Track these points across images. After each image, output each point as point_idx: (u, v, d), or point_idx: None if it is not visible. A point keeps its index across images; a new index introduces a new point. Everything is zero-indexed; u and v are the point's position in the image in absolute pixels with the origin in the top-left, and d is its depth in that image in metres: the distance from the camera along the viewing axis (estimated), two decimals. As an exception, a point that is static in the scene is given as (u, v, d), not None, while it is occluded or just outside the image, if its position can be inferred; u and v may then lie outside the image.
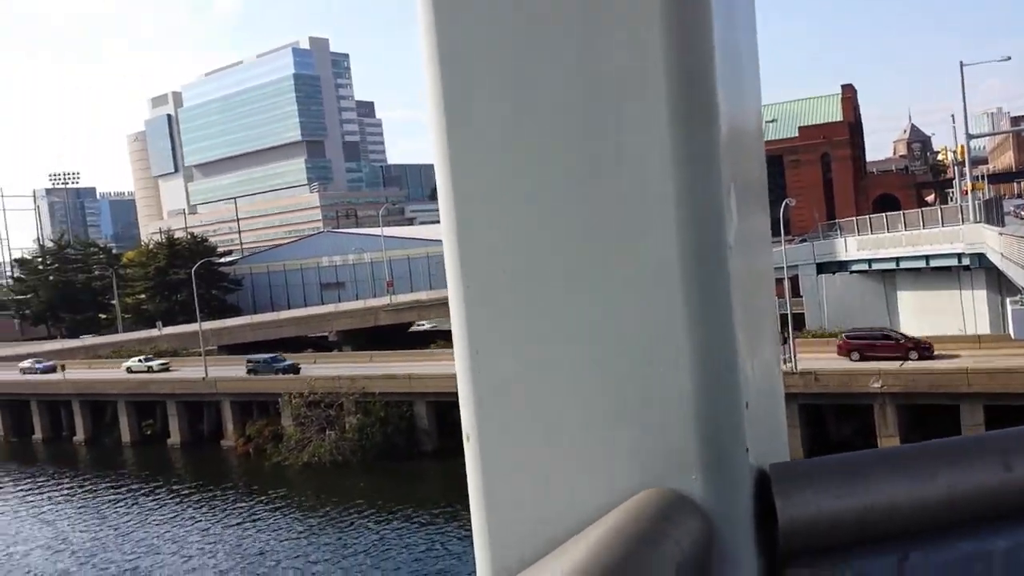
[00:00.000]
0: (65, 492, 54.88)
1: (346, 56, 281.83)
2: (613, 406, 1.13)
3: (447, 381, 53.84)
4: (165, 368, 71.51)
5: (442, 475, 49.08)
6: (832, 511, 1.17)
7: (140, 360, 73.05)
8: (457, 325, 1.17)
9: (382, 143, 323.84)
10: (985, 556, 1.20)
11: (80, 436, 69.80)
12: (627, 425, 1.13)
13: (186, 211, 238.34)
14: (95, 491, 54.20)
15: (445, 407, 54.19)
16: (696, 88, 1.10)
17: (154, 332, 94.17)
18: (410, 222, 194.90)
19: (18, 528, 47.22)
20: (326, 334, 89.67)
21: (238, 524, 43.90)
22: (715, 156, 1.11)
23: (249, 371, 64.05)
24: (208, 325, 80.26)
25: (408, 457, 51.90)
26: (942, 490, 1.20)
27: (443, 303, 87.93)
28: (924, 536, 1.21)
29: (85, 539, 43.85)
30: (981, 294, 49.96)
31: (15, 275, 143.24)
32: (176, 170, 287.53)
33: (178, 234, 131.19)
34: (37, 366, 77.85)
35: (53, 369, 76.16)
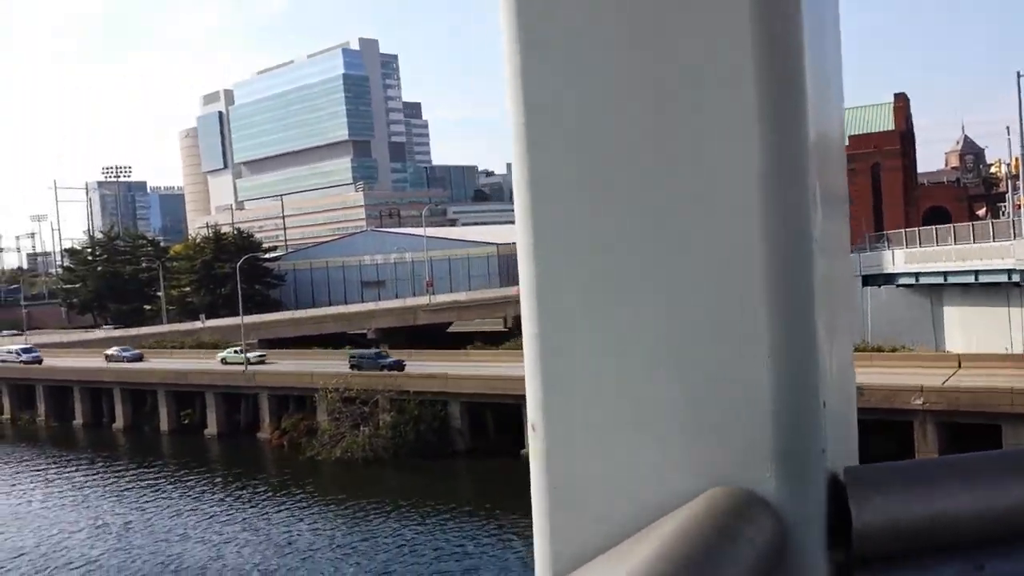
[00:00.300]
0: (103, 478, 55.82)
1: (395, 57, 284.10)
2: (687, 401, 1.11)
3: (482, 382, 53.86)
4: (261, 361, 70.03)
5: (474, 475, 49.03)
6: (907, 517, 1.15)
7: (235, 351, 71.19)
8: (528, 314, 1.15)
9: (427, 144, 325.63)
10: None
11: (120, 423, 71.07)
12: (700, 421, 1.11)
13: (233, 207, 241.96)
14: (134, 478, 55.03)
15: (479, 408, 54.19)
16: (786, 87, 1.08)
17: (197, 324, 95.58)
18: (452, 223, 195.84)
19: (58, 513, 48.09)
20: (365, 331, 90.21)
21: (270, 515, 44.21)
22: (804, 154, 1.09)
23: (352, 366, 61.47)
24: (250, 319, 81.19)
25: (441, 456, 51.87)
26: (1017, 499, 1.17)
27: (482, 304, 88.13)
28: (999, 546, 1.18)
29: (121, 524, 44.48)
30: (1031, 311, 48.57)
31: (65, 264, 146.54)
32: (225, 166, 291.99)
33: (224, 229, 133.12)
34: (124, 354, 77.76)
35: (140, 358, 76.83)
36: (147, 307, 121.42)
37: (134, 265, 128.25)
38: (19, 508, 49.07)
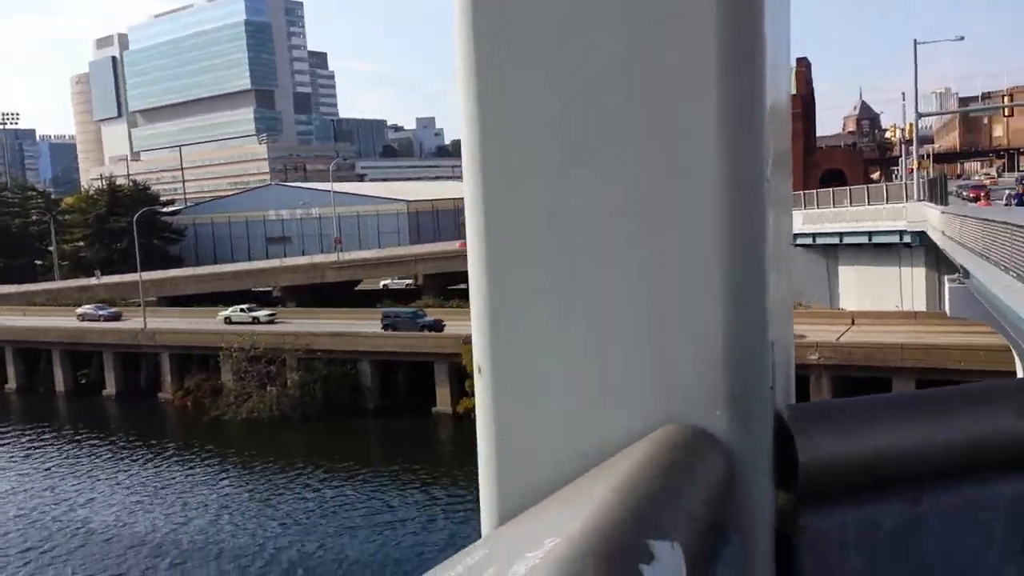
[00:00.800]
0: (-6, 441, 53.57)
1: (300, 4, 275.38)
2: (637, 340, 1.10)
3: (392, 340, 53.63)
4: (271, 320, 63.71)
5: (385, 433, 49.05)
6: (849, 453, 1.18)
7: (243, 310, 65.07)
8: (474, 255, 1.12)
9: (334, 96, 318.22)
10: (992, 503, 1.22)
11: (12, 384, 68.10)
12: (651, 359, 1.10)
13: (129, 157, 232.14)
14: (29, 441, 52.96)
15: (389, 367, 54.01)
16: (747, 47, 1.08)
17: (92, 280, 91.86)
18: (360, 179, 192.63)
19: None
20: (270, 289, 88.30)
21: (176, 477, 43.30)
22: (761, 108, 1.10)
23: (385, 326, 56.80)
24: (148, 275, 78.44)
25: (350, 415, 51.61)
26: (956, 435, 1.21)
27: (391, 262, 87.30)
28: (936, 481, 1.22)
29: (18, 489, 42.85)
30: (920, 271, 51.00)
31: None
32: (119, 115, 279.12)
33: (120, 181, 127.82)
34: (101, 312, 70.88)
35: (118, 317, 69.83)
36: (39, 262, 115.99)
37: (23, 218, 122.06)
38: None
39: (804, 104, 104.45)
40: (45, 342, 67.13)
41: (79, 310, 71.70)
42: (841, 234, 56.58)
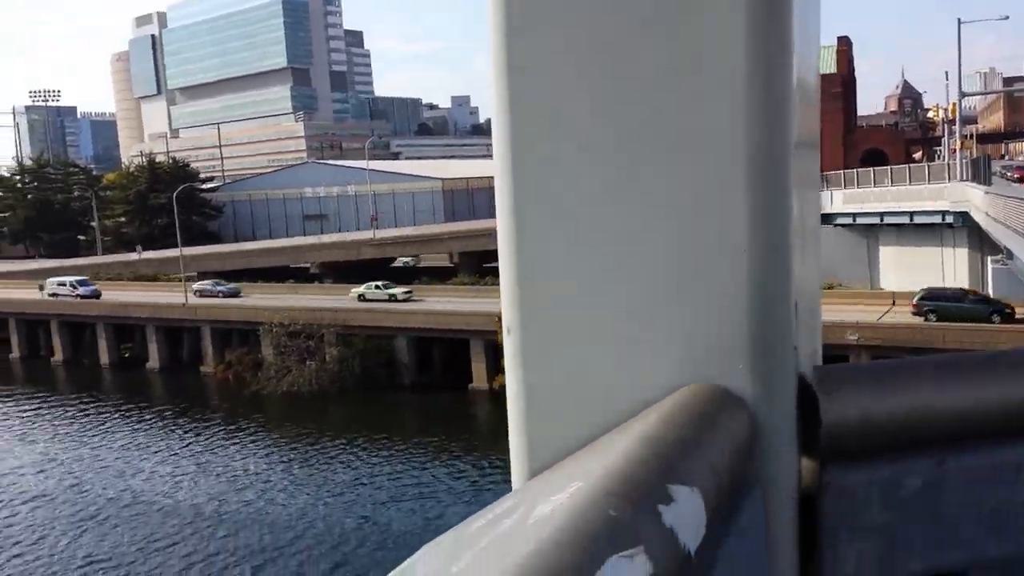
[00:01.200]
0: (46, 413, 54.97)
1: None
2: (661, 300, 1.12)
3: (428, 317, 54.11)
4: (408, 297, 60.92)
5: (421, 408, 49.61)
6: (873, 414, 1.19)
7: (378, 287, 62.50)
8: (503, 219, 1.14)
9: (370, 75, 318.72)
10: (1017, 465, 1.24)
11: (58, 356, 69.71)
12: (676, 318, 1.11)
13: (168, 135, 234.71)
14: (77, 412, 54.32)
15: (425, 342, 54.56)
16: (775, 22, 1.09)
17: (133, 256, 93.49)
18: (395, 157, 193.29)
19: (3, 446, 47.43)
20: (308, 265, 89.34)
21: (219, 449, 44.23)
22: (789, 45, 1.11)
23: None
24: (189, 251, 79.65)
25: (387, 390, 52.24)
26: (979, 399, 1.23)
27: (427, 240, 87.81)
28: (960, 443, 1.23)
29: (70, 459, 44.05)
30: (962, 252, 50.35)
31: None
32: (159, 92, 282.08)
33: (159, 158, 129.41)
34: (219, 288, 68.73)
35: (237, 293, 68.27)
36: (81, 237, 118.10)
37: (66, 194, 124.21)
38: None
39: (844, 83, 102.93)
40: (90, 316, 68.55)
41: (195, 286, 69.34)
42: (882, 214, 55.94)
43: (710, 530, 0.79)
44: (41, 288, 74.55)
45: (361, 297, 61.57)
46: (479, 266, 77.54)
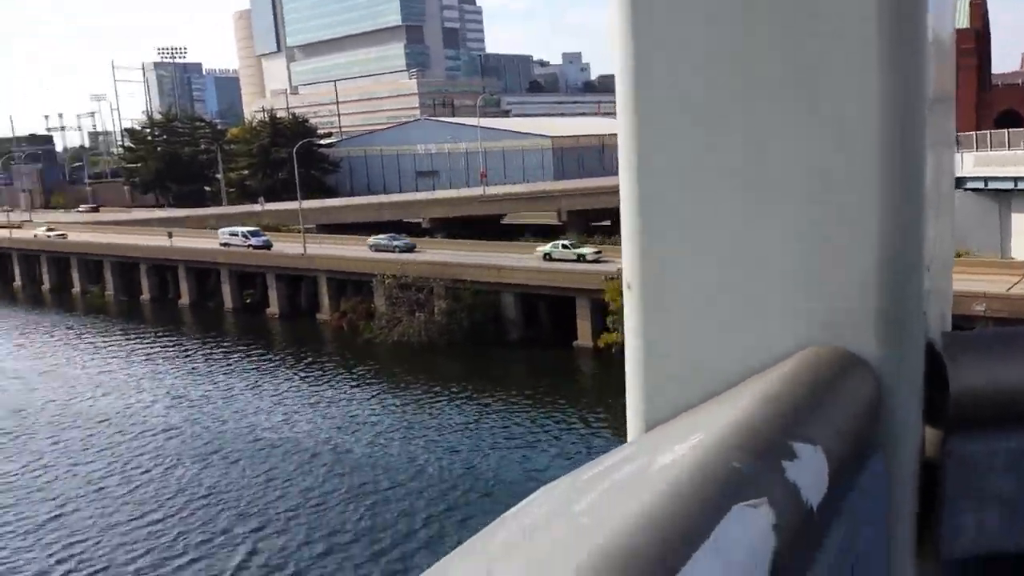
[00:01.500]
0: (173, 352, 58.33)
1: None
2: (787, 259, 1.09)
3: (535, 275, 54.55)
4: (597, 258, 56.86)
5: (527, 362, 50.30)
6: (1002, 382, 1.16)
7: (565, 246, 60.27)
8: (625, 172, 1.12)
9: (481, 31, 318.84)
10: None
11: (185, 300, 73.70)
12: (801, 277, 1.09)
13: (288, 91, 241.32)
14: (202, 354, 57.44)
15: (532, 299, 55.11)
16: None
17: (256, 207, 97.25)
18: (505, 114, 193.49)
19: (136, 383, 50.65)
20: (420, 220, 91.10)
21: (334, 393, 46.10)
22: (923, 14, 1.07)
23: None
24: (308, 204, 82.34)
25: (493, 345, 53.14)
26: None
27: (536, 197, 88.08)
28: None
29: (194, 397, 46.79)
30: (1104, 220, 47.32)
31: (125, 144, 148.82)
32: (279, 49, 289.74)
33: (280, 114, 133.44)
34: (396, 243, 67.78)
35: (412, 248, 67.53)
36: (207, 188, 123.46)
37: (192, 147, 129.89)
38: (100, 377, 51.72)
39: (978, 39, 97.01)
40: (215, 262, 72.02)
41: (370, 240, 69.21)
42: (1016, 179, 52.94)
43: (832, 489, 0.79)
44: (170, 236, 78.68)
45: (547, 256, 59.64)
46: (586, 225, 77.36)
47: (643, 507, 0.58)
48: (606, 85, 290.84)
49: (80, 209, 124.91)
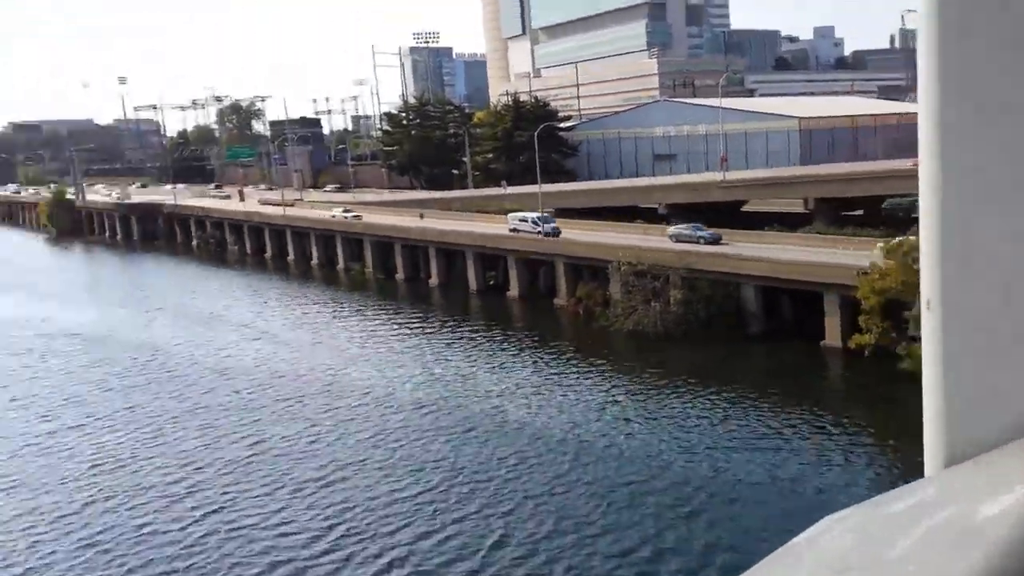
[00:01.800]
0: (423, 328, 62.34)
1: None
2: None
3: (779, 267, 52.71)
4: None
5: (767, 360, 48.85)
6: None
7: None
8: (927, 188, 1.03)
9: (726, 6, 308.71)
10: None
11: (434, 280, 78.39)
12: None
13: (531, 74, 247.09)
14: (449, 331, 60.99)
15: (773, 292, 53.37)
16: None
17: (499, 190, 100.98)
18: (750, 94, 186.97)
19: (391, 357, 54.75)
20: (656, 206, 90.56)
21: (566, 378, 47.33)
22: None
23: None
24: (547, 188, 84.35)
25: (732, 338, 52.15)
26: None
27: (780, 183, 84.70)
28: None
29: (444, 373, 49.89)
30: None
31: (383, 128, 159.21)
32: (524, 32, 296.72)
33: (523, 97, 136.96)
34: (701, 234, 64.06)
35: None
36: (455, 172, 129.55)
37: (443, 130, 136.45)
38: (361, 350, 56.29)
39: None
40: (461, 244, 75.88)
41: (671, 230, 65.57)
42: None
43: None
44: (421, 216, 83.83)
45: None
46: (837, 215, 73.48)
47: (977, 568, 0.52)
48: (861, 61, 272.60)
49: (327, 189, 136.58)
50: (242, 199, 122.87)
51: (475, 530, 29.11)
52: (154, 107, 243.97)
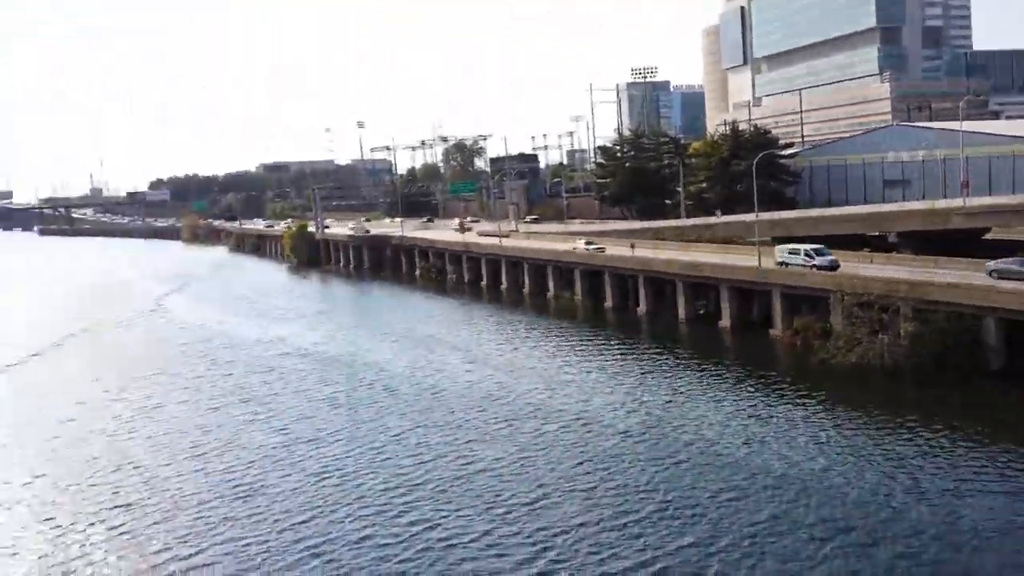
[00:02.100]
0: (630, 356, 61.81)
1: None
2: None
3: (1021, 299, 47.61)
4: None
5: (1014, 401, 43.91)
6: None
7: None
8: None
9: (968, 27, 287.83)
10: None
11: (642, 308, 77.74)
12: None
13: (751, 103, 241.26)
14: (654, 359, 60.04)
15: (1019, 326, 48.19)
16: None
17: (712, 219, 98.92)
18: (995, 116, 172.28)
19: (593, 383, 54.75)
20: (885, 234, 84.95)
21: (782, 413, 44.81)
22: None
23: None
24: (764, 216, 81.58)
25: (970, 374, 47.61)
26: None
27: (1030, 210, 76.70)
28: None
29: (647, 401, 49.12)
30: None
31: (597, 161, 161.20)
32: (744, 62, 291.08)
33: (742, 126, 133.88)
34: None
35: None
36: (667, 201, 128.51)
37: (657, 162, 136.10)
38: (569, 375, 56.72)
39: None
40: (670, 273, 74.89)
41: (991, 265, 55.71)
42: None
43: None
44: (632, 247, 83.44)
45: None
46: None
47: None
48: None
49: (526, 220, 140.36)
50: (462, 231, 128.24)
51: (689, 567, 27.72)
52: (387, 148, 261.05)
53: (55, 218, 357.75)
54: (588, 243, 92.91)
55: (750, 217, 79.92)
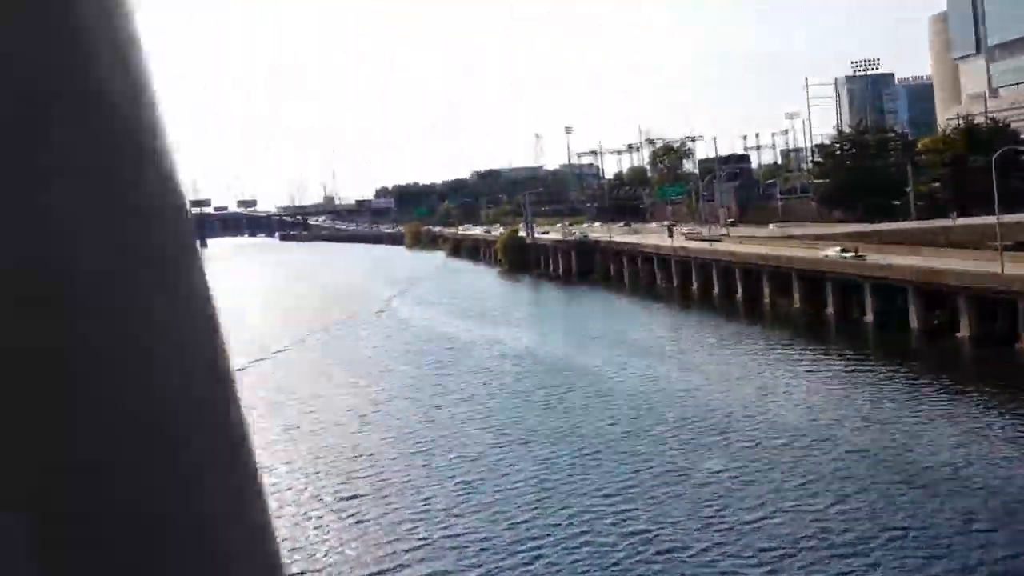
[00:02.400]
0: (861, 372, 58.34)
1: None
2: None
3: None
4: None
5: None
6: None
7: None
8: None
9: None
10: None
11: (869, 317, 73.39)
12: None
13: (986, 94, 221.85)
14: (883, 374, 56.53)
15: None
16: None
17: (947, 222, 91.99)
18: None
19: (819, 400, 52.40)
20: None
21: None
22: None
23: None
24: (1008, 218, 74.71)
25: None
26: None
27: None
28: None
29: (881, 419, 46.41)
30: None
31: (815, 160, 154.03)
32: (977, 51, 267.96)
33: (977, 119, 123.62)
34: None
35: None
36: (895, 203, 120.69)
37: (882, 160, 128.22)
38: (787, 388, 54.71)
39: None
40: (901, 280, 70.24)
41: None
42: None
43: None
44: (853, 250, 78.93)
45: None
46: None
47: None
48: None
49: (720, 223, 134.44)
50: (671, 235, 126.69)
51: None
52: (594, 152, 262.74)
53: (293, 224, 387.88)
54: (843, 251, 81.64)
55: (991, 219, 73.46)
